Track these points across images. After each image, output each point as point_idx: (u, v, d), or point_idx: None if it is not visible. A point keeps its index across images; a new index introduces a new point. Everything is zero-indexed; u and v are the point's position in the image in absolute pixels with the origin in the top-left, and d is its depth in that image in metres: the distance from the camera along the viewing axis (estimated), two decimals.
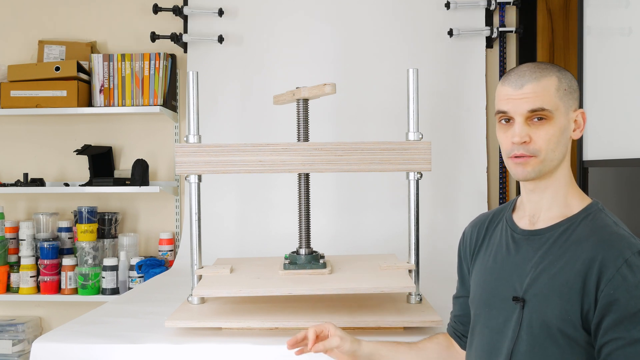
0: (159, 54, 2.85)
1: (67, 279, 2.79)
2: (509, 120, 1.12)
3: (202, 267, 1.84)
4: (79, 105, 2.80)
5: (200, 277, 1.82)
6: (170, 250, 2.90)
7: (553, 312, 1.04)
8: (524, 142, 1.09)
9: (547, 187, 1.13)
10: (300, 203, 1.87)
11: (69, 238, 2.93)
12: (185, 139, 1.81)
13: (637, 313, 0.98)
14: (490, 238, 1.24)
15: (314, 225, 1.93)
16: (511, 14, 2.90)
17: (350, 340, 1.30)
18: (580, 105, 1.10)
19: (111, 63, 2.87)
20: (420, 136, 1.80)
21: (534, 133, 1.09)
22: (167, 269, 2.75)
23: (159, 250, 2.91)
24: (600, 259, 1.02)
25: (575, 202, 1.13)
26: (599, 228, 1.07)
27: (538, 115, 1.09)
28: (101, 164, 2.94)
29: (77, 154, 2.86)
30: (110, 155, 2.99)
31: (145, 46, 2.97)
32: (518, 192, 2.87)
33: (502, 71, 2.88)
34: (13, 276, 2.86)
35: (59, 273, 2.83)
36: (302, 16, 2.88)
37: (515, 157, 1.11)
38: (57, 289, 2.83)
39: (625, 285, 0.99)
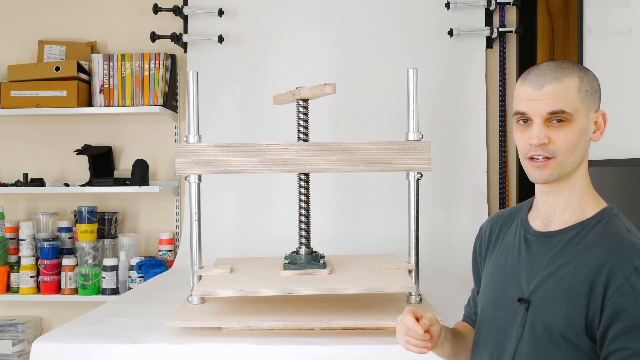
0: (159, 54, 2.85)
1: (67, 279, 2.79)
2: (526, 120, 1.09)
3: (202, 267, 1.84)
4: (79, 105, 2.80)
5: (200, 277, 1.82)
6: (170, 250, 2.90)
7: (557, 316, 1.03)
8: (543, 143, 1.06)
9: (563, 190, 1.11)
10: (300, 203, 1.87)
11: (69, 238, 2.92)
12: (185, 139, 1.81)
13: None
14: (504, 236, 1.22)
15: (314, 225, 1.92)
16: (511, 14, 2.90)
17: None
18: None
19: (111, 63, 2.87)
20: (420, 136, 1.80)
21: (553, 135, 1.06)
22: (167, 269, 2.75)
23: (159, 250, 2.91)
24: (609, 265, 0.99)
25: (590, 206, 1.11)
26: (611, 234, 1.05)
27: (557, 117, 1.05)
28: (101, 164, 2.94)
29: (77, 154, 2.86)
30: (110, 155, 2.99)
31: (145, 46, 2.97)
32: (518, 193, 2.87)
33: (502, 71, 2.88)
34: (13, 276, 2.86)
35: (59, 273, 2.83)
36: (302, 16, 2.88)
37: (532, 159, 1.08)
38: (57, 289, 2.83)
39: (633, 295, 0.96)
